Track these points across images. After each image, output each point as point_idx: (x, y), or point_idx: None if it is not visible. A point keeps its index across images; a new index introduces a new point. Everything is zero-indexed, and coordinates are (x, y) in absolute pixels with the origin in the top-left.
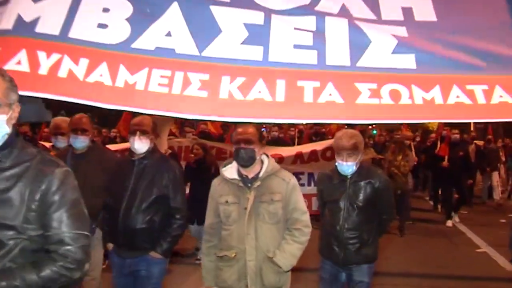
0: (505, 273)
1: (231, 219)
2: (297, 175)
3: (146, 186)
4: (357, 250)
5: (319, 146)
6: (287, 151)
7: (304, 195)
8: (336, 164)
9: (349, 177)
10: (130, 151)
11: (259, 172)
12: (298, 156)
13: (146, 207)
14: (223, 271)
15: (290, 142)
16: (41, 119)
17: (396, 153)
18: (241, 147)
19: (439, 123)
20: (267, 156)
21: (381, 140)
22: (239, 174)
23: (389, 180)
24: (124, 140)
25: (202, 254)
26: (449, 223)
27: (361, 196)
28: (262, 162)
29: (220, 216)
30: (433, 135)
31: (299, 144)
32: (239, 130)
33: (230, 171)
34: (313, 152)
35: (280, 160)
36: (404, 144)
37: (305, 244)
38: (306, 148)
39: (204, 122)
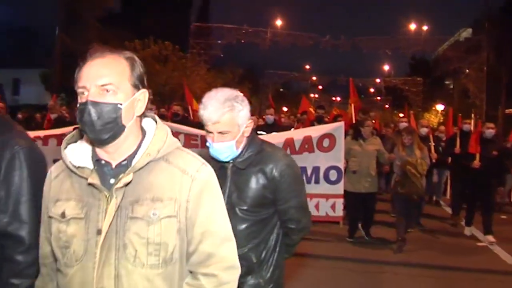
0: (506, 266)
1: (70, 254)
2: None
3: None
4: (242, 278)
5: (314, 131)
6: (272, 138)
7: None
8: (207, 144)
9: (230, 162)
10: None
11: (133, 155)
12: (288, 144)
13: None
14: None
15: (287, 127)
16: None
17: (410, 147)
18: (87, 100)
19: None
20: (155, 121)
21: (388, 133)
22: (95, 157)
23: (295, 166)
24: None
25: None
26: (467, 231)
27: (247, 193)
28: (142, 133)
29: (51, 243)
30: (442, 127)
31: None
32: (87, 60)
33: (78, 151)
34: (307, 140)
35: None
36: (417, 135)
37: None
38: (298, 134)
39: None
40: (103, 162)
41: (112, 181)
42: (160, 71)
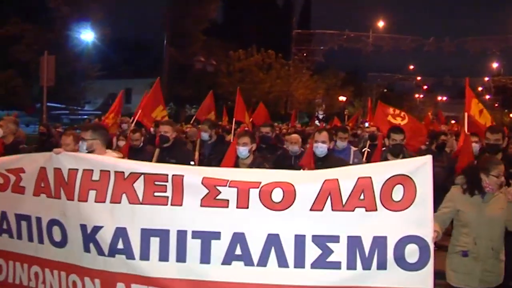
0: None
1: None
2: (321, 241)
3: None
4: None
5: (377, 171)
6: (304, 179)
7: None
8: None
9: None
10: None
11: None
12: (330, 192)
13: None
14: None
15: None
16: None
17: None
18: None
19: None
20: None
21: None
22: None
23: None
24: None
25: None
26: None
27: None
28: None
29: None
30: None
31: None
32: None
33: None
34: (363, 185)
35: (288, 197)
36: None
37: None
38: (347, 174)
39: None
40: None
41: None
42: (264, 79)
